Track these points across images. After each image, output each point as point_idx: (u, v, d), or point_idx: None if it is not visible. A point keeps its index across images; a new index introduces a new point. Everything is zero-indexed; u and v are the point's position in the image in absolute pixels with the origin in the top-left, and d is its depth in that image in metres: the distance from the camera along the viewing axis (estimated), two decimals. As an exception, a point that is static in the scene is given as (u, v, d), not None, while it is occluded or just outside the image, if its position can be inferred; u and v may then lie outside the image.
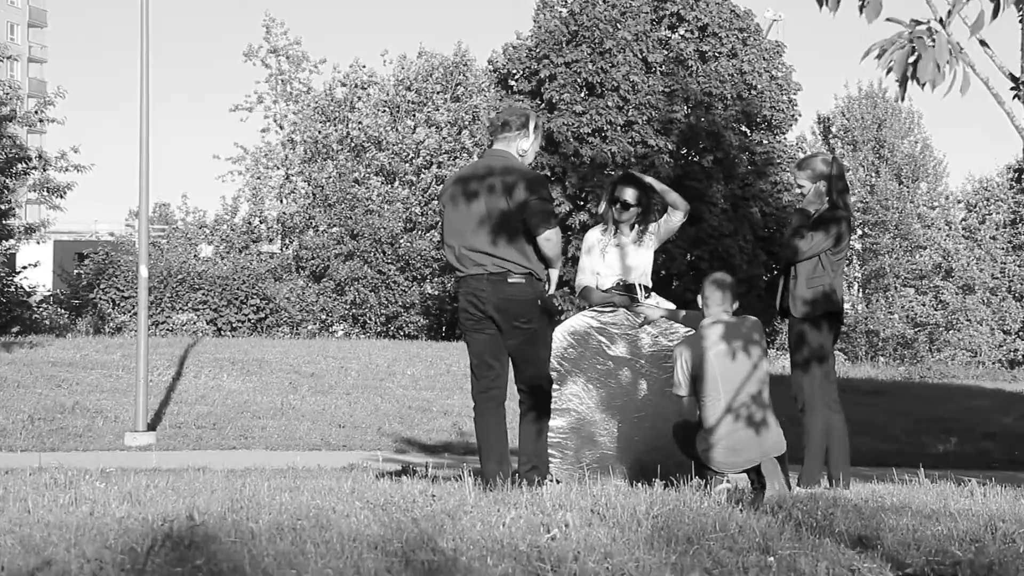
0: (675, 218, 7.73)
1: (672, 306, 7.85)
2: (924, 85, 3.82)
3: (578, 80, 30.13)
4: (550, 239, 6.64)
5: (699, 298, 7.01)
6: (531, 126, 6.87)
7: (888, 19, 3.87)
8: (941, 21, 3.88)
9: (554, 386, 7.44)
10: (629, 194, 7.71)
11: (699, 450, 6.85)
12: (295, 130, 40.39)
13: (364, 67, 41.73)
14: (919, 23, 3.83)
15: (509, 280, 6.61)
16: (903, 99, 4.03)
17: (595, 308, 7.69)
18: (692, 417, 6.89)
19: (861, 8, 3.88)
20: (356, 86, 41.27)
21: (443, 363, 23.23)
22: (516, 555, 4.39)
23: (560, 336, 7.55)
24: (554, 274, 6.81)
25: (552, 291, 6.87)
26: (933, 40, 3.81)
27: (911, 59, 3.83)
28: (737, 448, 6.71)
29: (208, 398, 18.30)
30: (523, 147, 6.87)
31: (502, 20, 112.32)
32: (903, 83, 3.87)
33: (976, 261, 45.58)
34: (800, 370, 7.47)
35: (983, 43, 4.08)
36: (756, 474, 6.83)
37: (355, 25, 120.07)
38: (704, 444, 6.80)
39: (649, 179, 7.80)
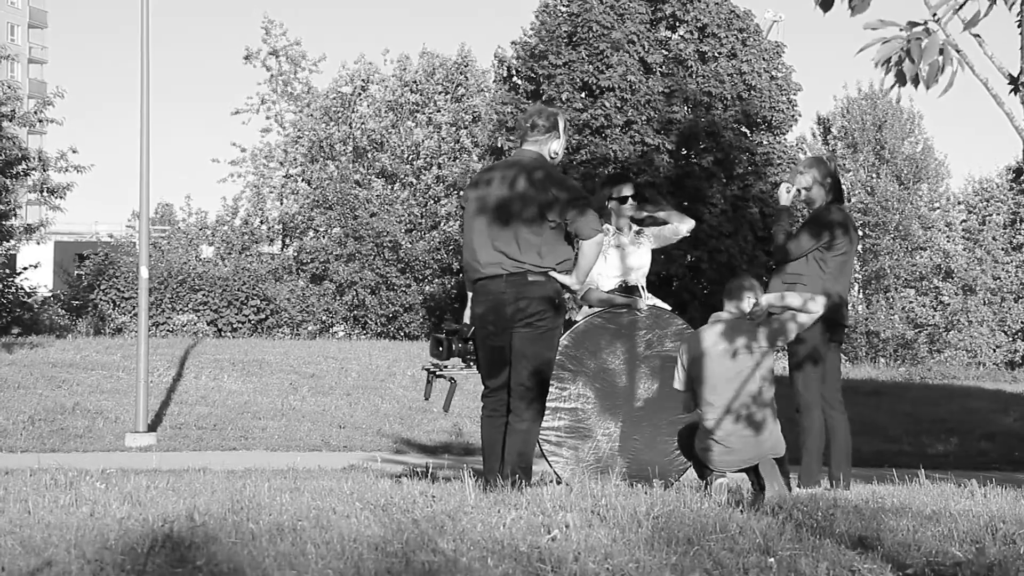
0: (682, 228, 7.85)
1: (668, 308, 7.89)
2: (918, 84, 3.82)
3: (575, 80, 30.13)
4: (600, 243, 6.73)
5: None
6: (560, 127, 6.89)
7: (880, 20, 3.87)
8: (937, 18, 3.88)
9: (558, 385, 7.46)
10: (627, 188, 7.81)
11: (698, 449, 6.87)
12: (297, 129, 40.37)
13: (370, 64, 41.73)
14: (915, 24, 3.83)
15: (529, 279, 6.60)
16: (898, 96, 4.03)
17: (600, 308, 7.69)
18: (690, 412, 6.92)
19: (850, 3, 3.88)
20: (360, 84, 41.23)
21: (443, 363, 23.18)
22: (516, 556, 4.39)
23: (565, 336, 7.57)
24: (570, 280, 6.78)
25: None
26: (930, 40, 3.81)
27: (906, 59, 3.83)
28: (736, 448, 6.72)
29: (208, 399, 18.29)
30: (554, 149, 6.89)
31: (505, 22, 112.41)
32: (900, 83, 3.87)
33: (977, 262, 45.61)
34: (795, 371, 7.50)
35: (977, 36, 4.08)
36: (755, 475, 6.84)
37: (356, 25, 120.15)
38: (703, 444, 6.82)
39: (660, 212, 7.86)
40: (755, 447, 6.73)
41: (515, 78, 32.52)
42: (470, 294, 6.88)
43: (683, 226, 7.88)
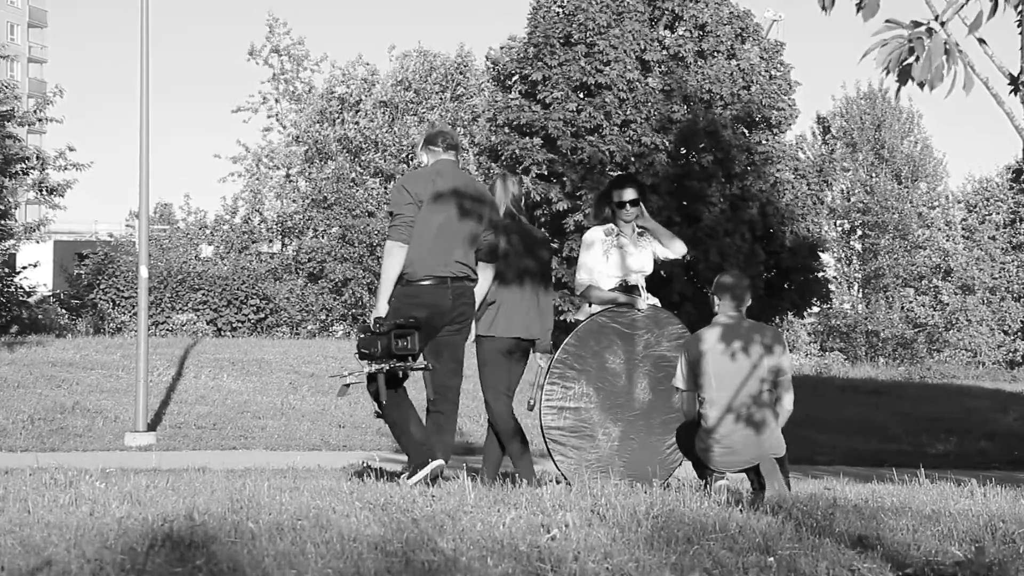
0: (670, 253, 7.84)
1: (666, 310, 7.92)
2: (923, 86, 3.82)
3: (571, 80, 30.07)
4: (491, 277, 7.29)
5: (712, 299, 7.05)
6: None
7: (887, 21, 3.87)
8: (939, 20, 3.88)
9: (563, 385, 7.50)
10: (628, 194, 7.76)
11: (698, 449, 6.88)
12: (297, 130, 40.37)
13: (367, 64, 41.72)
14: (919, 24, 3.83)
15: (467, 284, 7.08)
16: (898, 98, 4.02)
17: (603, 308, 7.69)
18: (690, 414, 6.92)
19: (858, 7, 3.87)
20: (356, 85, 41.21)
21: (443, 363, 23.18)
22: (516, 555, 4.39)
23: (571, 335, 7.59)
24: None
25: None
26: (931, 40, 3.81)
27: (909, 59, 3.83)
28: (736, 448, 6.73)
29: (208, 398, 18.28)
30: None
31: (504, 20, 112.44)
32: (902, 82, 3.87)
33: (975, 261, 45.61)
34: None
35: (981, 41, 4.08)
36: (756, 474, 6.85)
37: (357, 25, 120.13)
38: (703, 444, 6.83)
39: (651, 223, 7.84)
40: (756, 447, 6.74)
41: (508, 81, 32.45)
42: (388, 291, 6.88)
43: (670, 252, 7.83)
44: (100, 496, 5.72)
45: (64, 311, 33.16)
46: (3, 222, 28.35)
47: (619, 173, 7.92)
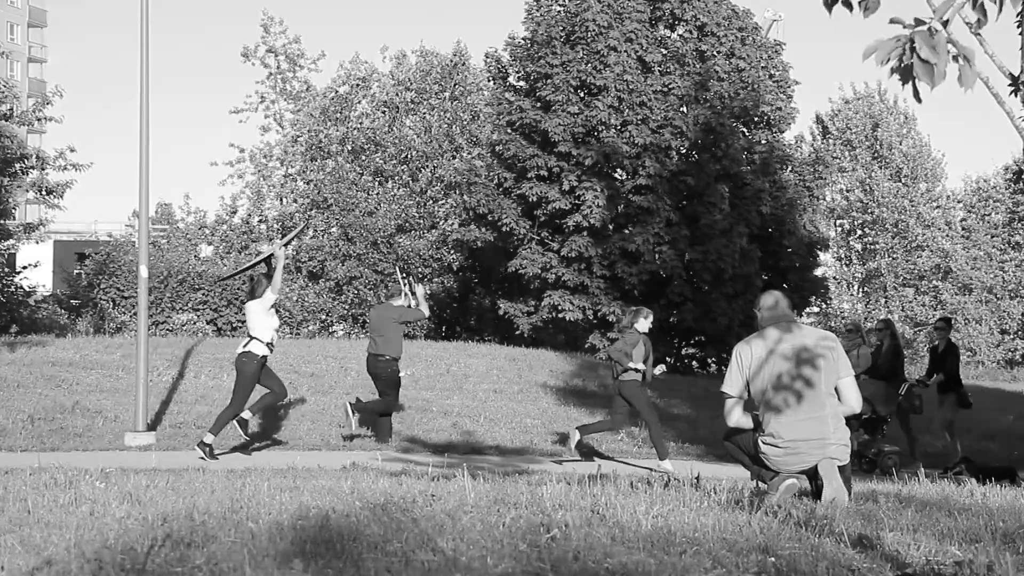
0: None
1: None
2: (933, 88, 3.81)
3: (571, 80, 30.02)
4: None
5: (756, 311, 7.13)
6: None
7: (892, 20, 3.86)
8: (941, 19, 3.88)
9: None
10: None
11: (759, 451, 6.81)
12: (296, 129, 40.34)
13: (366, 63, 41.70)
14: (921, 22, 3.83)
15: None
16: (918, 99, 4.01)
17: None
18: (737, 419, 6.88)
19: (860, 4, 3.87)
20: (357, 85, 41.21)
21: (443, 363, 23.19)
22: (516, 555, 4.39)
23: None
24: None
25: None
26: (933, 39, 3.81)
27: (911, 59, 3.83)
28: (799, 451, 6.69)
29: (208, 398, 18.27)
30: None
31: (501, 18, 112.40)
32: (904, 81, 3.86)
33: (973, 261, 45.63)
34: None
35: (982, 43, 4.08)
36: (814, 476, 6.78)
37: (353, 24, 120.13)
38: (764, 446, 6.77)
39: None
40: (818, 449, 6.70)
41: (510, 78, 32.46)
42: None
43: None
44: (100, 496, 5.72)
45: (63, 311, 33.15)
46: (2, 222, 28.34)
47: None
